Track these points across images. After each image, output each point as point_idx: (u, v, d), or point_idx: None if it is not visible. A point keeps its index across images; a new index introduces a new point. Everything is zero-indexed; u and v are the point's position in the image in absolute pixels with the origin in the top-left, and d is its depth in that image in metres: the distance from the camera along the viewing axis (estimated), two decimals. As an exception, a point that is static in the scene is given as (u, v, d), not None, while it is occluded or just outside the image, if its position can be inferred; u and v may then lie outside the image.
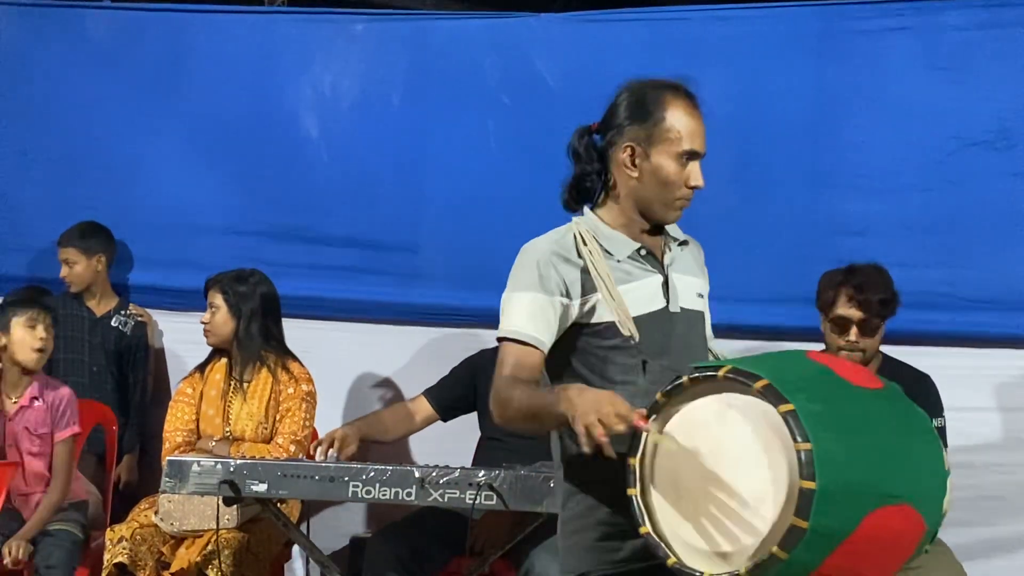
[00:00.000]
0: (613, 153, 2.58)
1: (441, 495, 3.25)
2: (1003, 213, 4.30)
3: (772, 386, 2.18)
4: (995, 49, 4.32)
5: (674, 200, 2.56)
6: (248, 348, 4.27)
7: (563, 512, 2.56)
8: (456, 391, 4.30)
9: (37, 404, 4.28)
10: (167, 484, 3.45)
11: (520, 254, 2.57)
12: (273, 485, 3.37)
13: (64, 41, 5.25)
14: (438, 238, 4.91)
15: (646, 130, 2.54)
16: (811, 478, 2.10)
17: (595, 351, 2.50)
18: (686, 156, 2.54)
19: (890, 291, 3.81)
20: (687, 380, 2.30)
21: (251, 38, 5.15)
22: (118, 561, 3.98)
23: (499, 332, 2.50)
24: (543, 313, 2.47)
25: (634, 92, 2.61)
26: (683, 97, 2.58)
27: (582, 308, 2.49)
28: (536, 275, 2.49)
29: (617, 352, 2.49)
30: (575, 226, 2.58)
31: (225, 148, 5.10)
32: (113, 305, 5.05)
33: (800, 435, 2.12)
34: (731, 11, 4.69)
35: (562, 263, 2.50)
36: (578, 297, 2.49)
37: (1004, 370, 4.32)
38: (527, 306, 2.47)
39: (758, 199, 4.57)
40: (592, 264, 2.50)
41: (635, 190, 2.56)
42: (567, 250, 2.52)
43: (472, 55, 4.89)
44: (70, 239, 4.95)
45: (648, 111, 2.55)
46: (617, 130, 2.58)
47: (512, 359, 2.46)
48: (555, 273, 2.49)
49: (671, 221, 2.61)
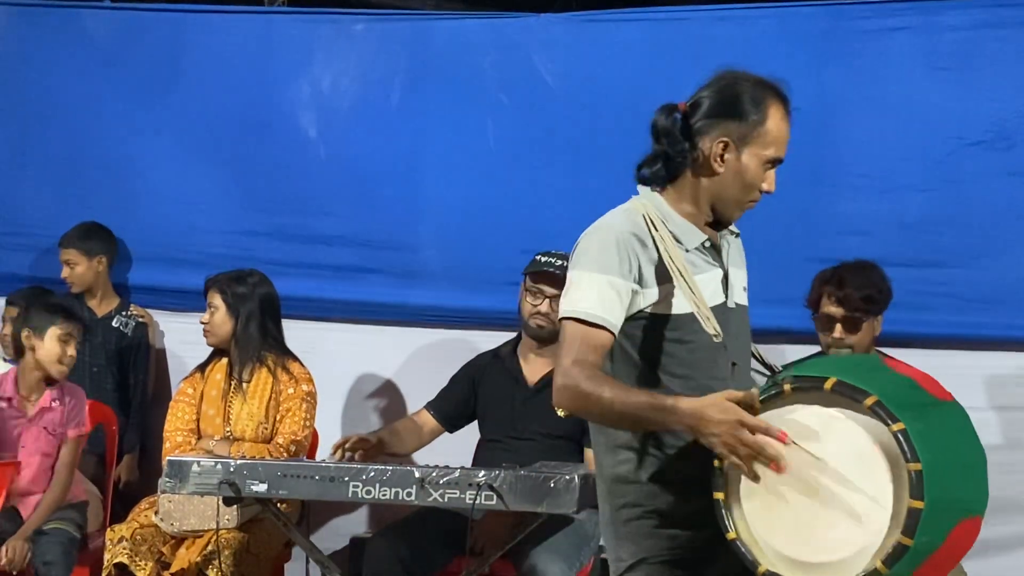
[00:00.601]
0: (700, 142, 2.49)
1: (441, 495, 3.25)
2: (1003, 213, 4.30)
3: (882, 403, 2.18)
4: (995, 49, 4.32)
5: (747, 202, 2.53)
6: (247, 348, 4.26)
7: (612, 500, 2.50)
8: (457, 400, 4.28)
9: (56, 405, 4.32)
10: (167, 484, 3.45)
11: (594, 231, 2.49)
12: (273, 485, 3.36)
13: (64, 41, 5.26)
14: (437, 238, 4.91)
15: (743, 129, 2.47)
16: (920, 497, 2.13)
17: (663, 344, 2.44)
18: (771, 162, 2.51)
19: (875, 287, 3.84)
20: (788, 388, 2.27)
21: (250, 38, 5.15)
22: (118, 561, 3.98)
23: (568, 311, 2.42)
24: (618, 297, 2.40)
25: (734, 85, 2.53)
26: (782, 103, 2.52)
27: (652, 297, 2.42)
28: (614, 256, 2.41)
29: (693, 348, 2.43)
30: (642, 208, 2.50)
31: (224, 148, 5.10)
32: (114, 306, 5.06)
33: (911, 455, 2.14)
34: (731, 11, 4.69)
35: (639, 248, 2.43)
36: (652, 286, 2.42)
37: (1004, 370, 4.32)
38: (602, 287, 2.39)
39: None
40: (667, 253, 2.43)
41: (714, 184, 2.49)
42: (643, 234, 2.45)
43: (472, 55, 4.89)
44: (71, 240, 4.96)
45: (748, 110, 2.48)
46: (710, 120, 2.50)
47: (580, 341, 2.38)
48: (632, 257, 2.42)
49: (734, 220, 2.57)
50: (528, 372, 4.19)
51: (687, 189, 2.52)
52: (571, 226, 4.59)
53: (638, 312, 2.43)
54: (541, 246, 4.21)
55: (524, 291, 4.16)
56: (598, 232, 2.48)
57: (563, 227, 4.62)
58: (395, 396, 4.96)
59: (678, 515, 2.43)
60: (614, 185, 4.66)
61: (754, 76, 2.55)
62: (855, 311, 3.80)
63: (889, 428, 2.16)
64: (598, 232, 2.48)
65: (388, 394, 4.98)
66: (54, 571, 4.08)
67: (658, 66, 4.68)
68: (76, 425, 4.33)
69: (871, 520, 2.18)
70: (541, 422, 4.11)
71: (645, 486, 2.45)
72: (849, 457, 2.21)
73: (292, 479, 3.35)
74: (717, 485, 2.31)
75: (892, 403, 2.18)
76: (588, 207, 4.63)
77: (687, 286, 2.42)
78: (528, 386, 4.17)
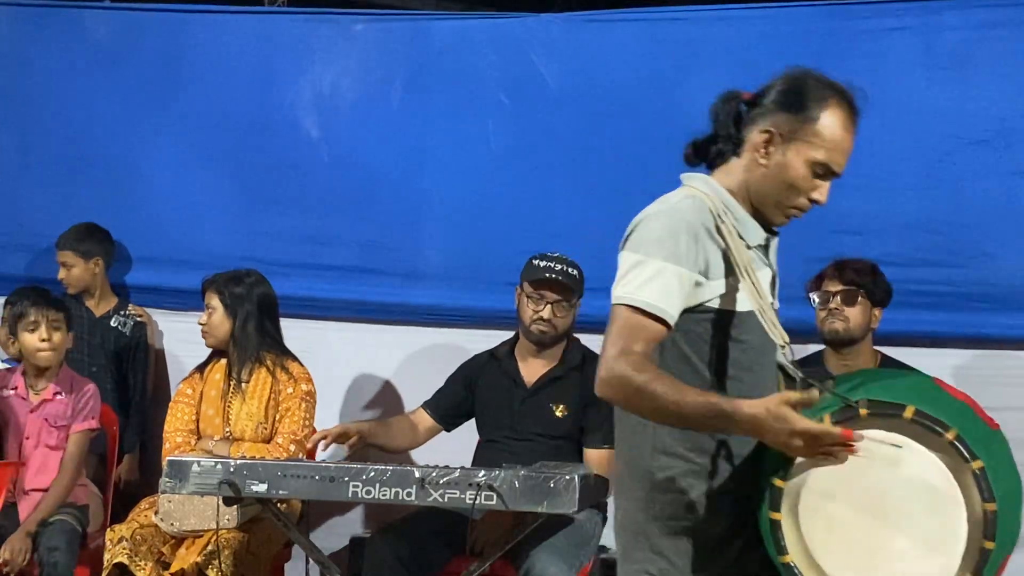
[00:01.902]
0: (749, 131, 2.39)
1: (441, 495, 3.25)
2: (1003, 212, 4.30)
3: (963, 439, 2.14)
4: (995, 49, 4.32)
5: (789, 206, 2.40)
6: (245, 348, 4.26)
7: (650, 507, 2.39)
8: (454, 400, 4.29)
9: (60, 398, 4.34)
10: (167, 484, 3.45)
11: (659, 215, 2.34)
12: (273, 485, 3.36)
13: (64, 41, 5.26)
14: (438, 238, 4.91)
15: (792, 122, 2.35)
16: (992, 538, 2.12)
17: (718, 341, 2.34)
18: (820, 168, 2.36)
19: (875, 270, 3.99)
20: (864, 412, 2.19)
21: (251, 38, 5.15)
22: (118, 561, 3.98)
23: (625, 297, 2.29)
24: (680, 288, 2.27)
25: (797, 79, 2.41)
26: (846, 108, 2.38)
27: (717, 290, 2.32)
28: (679, 245, 2.28)
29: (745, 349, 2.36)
30: (706, 199, 2.37)
31: (225, 148, 5.10)
32: (112, 305, 5.06)
33: (988, 494, 2.12)
34: (731, 11, 4.69)
35: (707, 238, 2.31)
36: (719, 278, 2.32)
37: (1004, 370, 4.31)
38: (663, 277, 2.27)
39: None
40: (733, 248, 2.32)
41: (757, 178, 2.38)
42: (710, 224, 2.32)
43: (472, 55, 4.89)
44: (67, 242, 4.96)
45: (803, 104, 2.36)
46: (764, 110, 2.38)
47: (633, 330, 2.26)
48: (698, 247, 2.29)
49: (776, 225, 2.45)
50: (526, 373, 4.19)
51: (735, 180, 2.41)
52: (571, 226, 4.67)
53: (699, 305, 2.33)
54: (541, 246, 4.20)
55: (523, 296, 4.14)
56: (664, 216, 2.33)
57: (563, 227, 4.67)
58: (394, 396, 4.96)
59: (720, 531, 2.36)
60: (614, 185, 4.73)
61: (827, 77, 2.43)
62: (852, 283, 3.93)
63: (969, 466, 2.13)
64: (664, 216, 2.33)
65: (388, 394, 4.98)
66: (59, 557, 4.09)
67: (658, 66, 4.69)
68: (83, 419, 4.35)
69: (941, 556, 2.14)
70: (540, 422, 4.11)
71: (686, 497, 2.36)
72: (922, 488, 2.16)
73: (292, 479, 3.35)
74: (775, 505, 2.23)
75: (970, 437, 2.14)
76: (588, 207, 4.73)
77: (752, 286, 2.32)
78: (526, 387, 4.17)
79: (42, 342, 4.28)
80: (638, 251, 2.32)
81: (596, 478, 3.50)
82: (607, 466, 4.02)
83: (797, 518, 2.22)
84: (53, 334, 4.29)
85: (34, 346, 4.29)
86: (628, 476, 2.46)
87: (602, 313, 4.56)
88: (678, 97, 4.67)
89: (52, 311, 4.30)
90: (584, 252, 4.23)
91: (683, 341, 2.35)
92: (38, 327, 4.27)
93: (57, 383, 4.36)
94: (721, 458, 2.35)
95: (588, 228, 4.66)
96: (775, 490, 2.23)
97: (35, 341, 4.28)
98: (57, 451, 4.33)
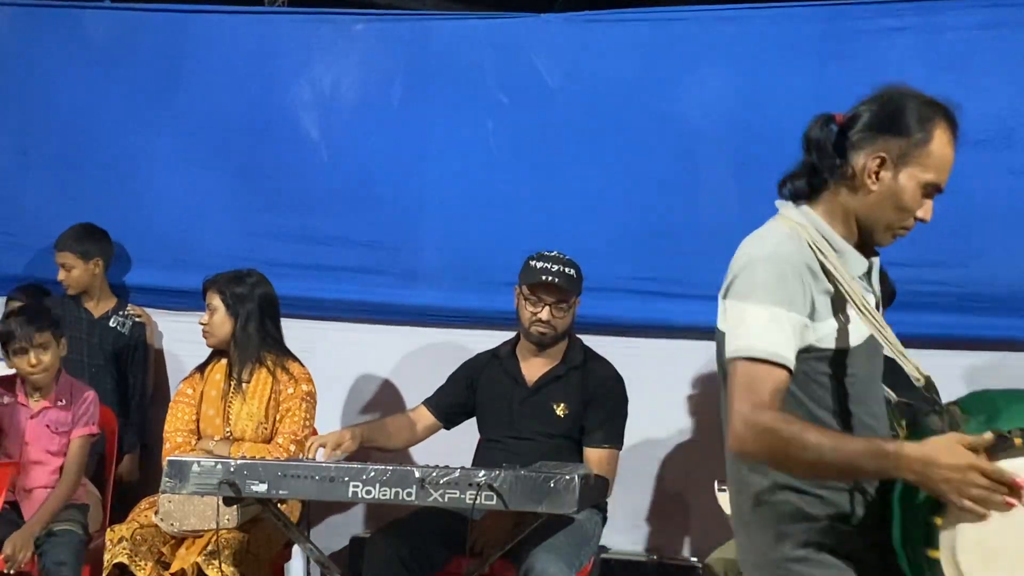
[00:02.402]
0: (854, 156, 2.33)
1: (441, 495, 3.24)
2: (1004, 212, 4.30)
3: None
4: (995, 49, 4.32)
5: (899, 228, 2.36)
6: (246, 348, 4.26)
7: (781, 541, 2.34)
8: (455, 397, 4.29)
9: (60, 405, 4.35)
10: (167, 484, 3.44)
11: (762, 260, 2.29)
12: (273, 485, 3.36)
13: (64, 41, 5.26)
14: (438, 238, 4.92)
15: (904, 146, 2.30)
16: None
17: (826, 379, 2.30)
18: (931, 188, 2.33)
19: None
20: (1020, 442, 2.12)
21: (251, 38, 5.15)
22: (118, 561, 3.97)
23: (744, 350, 2.24)
24: (793, 333, 2.23)
25: (899, 99, 2.35)
26: (951, 126, 2.34)
27: (824, 331, 2.29)
28: (788, 288, 2.24)
29: (853, 382, 2.32)
30: (802, 231, 2.33)
31: (225, 148, 5.11)
32: (111, 306, 5.06)
33: None
34: (731, 11, 4.69)
35: (810, 277, 2.27)
36: (826, 318, 2.29)
37: (1004, 370, 4.32)
38: (777, 323, 2.22)
39: (758, 199, 4.55)
40: (843, 282, 2.28)
41: (866, 204, 2.33)
42: (812, 262, 2.28)
43: (472, 55, 4.89)
44: (66, 243, 4.95)
45: (912, 127, 2.31)
46: (867, 134, 2.33)
47: (760, 382, 2.20)
48: (805, 290, 2.26)
49: (883, 246, 2.40)
50: (527, 372, 4.19)
51: (839, 208, 2.37)
52: (571, 226, 4.67)
53: (807, 347, 2.28)
54: (541, 246, 4.20)
55: (521, 298, 4.15)
56: (768, 262, 2.28)
57: (563, 227, 4.67)
58: (394, 396, 4.96)
59: (850, 551, 2.33)
60: (613, 185, 4.73)
61: (923, 94, 2.37)
62: None
63: None
64: (768, 262, 2.28)
65: (388, 394, 4.98)
66: (65, 571, 4.09)
67: (658, 66, 4.69)
68: (83, 425, 4.35)
69: None
70: (540, 422, 4.11)
71: (817, 523, 2.32)
72: None
73: (292, 479, 3.35)
74: (933, 542, 2.17)
75: None
76: (588, 207, 4.73)
77: (872, 320, 2.28)
78: (527, 386, 4.17)
79: (31, 367, 4.28)
80: (748, 299, 2.27)
81: (596, 478, 3.49)
82: (607, 466, 4.03)
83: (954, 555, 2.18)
84: (42, 356, 4.28)
85: (24, 370, 4.30)
86: (755, 509, 2.40)
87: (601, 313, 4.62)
88: (678, 97, 4.69)
89: (38, 334, 4.26)
90: (583, 252, 4.23)
91: (794, 385, 2.29)
92: (26, 353, 4.27)
93: (57, 391, 4.36)
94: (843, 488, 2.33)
95: (587, 228, 4.67)
96: (934, 528, 2.17)
97: (24, 366, 4.28)
98: (58, 457, 4.34)
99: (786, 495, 2.34)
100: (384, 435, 4.12)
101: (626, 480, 4.29)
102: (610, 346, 4.43)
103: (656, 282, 4.67)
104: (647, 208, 4.68)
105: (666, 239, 4.66)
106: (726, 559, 3.84)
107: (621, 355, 4.36)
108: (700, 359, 4.65)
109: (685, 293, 4.60)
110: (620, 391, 4.16)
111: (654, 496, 4.78)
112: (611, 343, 4.53)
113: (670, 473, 4.76)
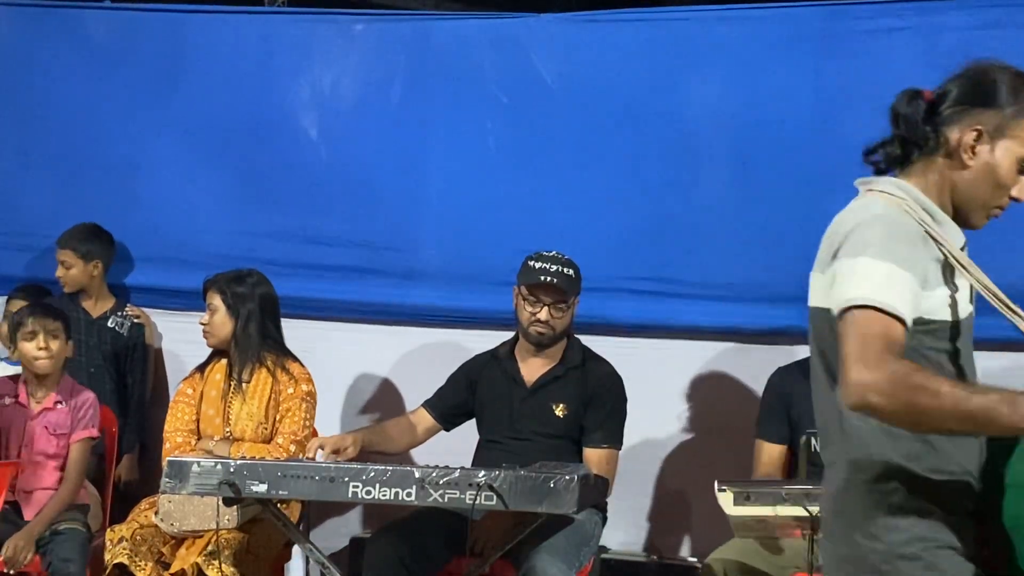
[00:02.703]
0: (948, 130, 2.25)
1: (441, 495, 3.24)
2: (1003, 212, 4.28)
3: None
4: (995, 49, 4.27)
5: (993, 206, 2.28)
6: (246, 348, 4.26)
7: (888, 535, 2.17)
8: (455, 399, 4.29)
9: (60, 407, 4.35)
10: (167, 484, 3.44)
11: (876, 222, 2.16)
12: (273, 485, 3.36)
13: (64, 41, 5.26)
14: (437, 238, 4.91)
15: (999, 118, 2.23)
16: None
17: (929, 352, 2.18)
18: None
19: None
20: None
21: (251, 38, 5.15)
22: (118, 561, 3.98)
23: (857, 297, 2.07)
24: (911, 296, 2.09)
25: (990, 73, 2.28)
26: None
27: (935, 301, 2.17)
28: (900, 248, 2.11)
29: (949, 359, 2.21)
30: (903, 204, 2.21)
31: (225, 148, 5.11)
32: (109, 306, 5.06)
33: None
34: (731, 11, 4.69)
35: (923, 246, 2.16)
36: (936, 287, 2.16)
37: (1004, 370, 4.30)
38: (897, 279, 2.08)
39: (758, 199, 4.57)
40: (953, 252, 2.17)
41: (962, 180, 2.25)
42: (921, 232, 2.17)
43: (472, 55, 4.89)
44: (69, 241, 4.96)
45: (1006, 99, 2.24)
46: (960, 108, 2.26)
47: (882, 329, 2.03)
48: (916, 256, 2.13)
49: (974, 227, 2.31)
50: (526, 372, 4.19)
51: (934, 181, 2.27)
52: (571, 226, 4.67)
53: (916, 319, 2.14)
54: (540, 246, 4.20)
55: (520, 298, 4.15)
56: (880, 221, 2.16)
57: (563, 227, 4.67)
58: (395, 396, 4.96)
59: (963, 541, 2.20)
60: (613, 185, 4.73)
61: (1012, 67, 2.30)
62: None
63: None
64: (880, 221, 2.16)
65: (388, 394, 4.98)
66: (72, 568, 4.10)
67: (658, 66, 4.69)
68: (83, 428, 4.35)
69: None
70: (539, 422, 4.11)
71: (923, 520, 2.17)
72: None
73: (292, 479, 3.35)
74: None
75: None
76: (587, 207, 4.73)
77: (988, 289, 2.21)
78: (526, 386, 4.17)
79: (40, 350, 4.29)
80: (863, 254, 2.11)
81: (596, 478, 3.49)
82: (607, 466, 4.03)
83: None
84: (51, 343, 4.29)
85: (32, 354, 4.30)
86: (854, 503, 2.23)
87: (600, 313, 4.62)
88: (678, 97, 4.69)
89: (50, 320, 4.30)
90: (583, 252, 4.24)
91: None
92: (36, 336, 4.28)
93: (58, 392, 4.37)
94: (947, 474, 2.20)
95: (587, 227, 4.67)
96: None
97: (33, 350, 4.29)
98: (57, 458, 4.33)
99: (895, 483, 2.18)
100: (385, 439, 4.13)
101: (626, 480, 4.29)
102: (609, 346, 4.43)
103: (655, 282, 4.67)
104: (646, 208, 4.68)
105: (666, 239, 4.66)
106: (726, 559, 3.83)
107: (620, 355, 4.36)
108: (700, 359, 4.66)
109: (684, 293, 4.60)
110: (619, 391, 4.16)
111: (654, 496, 4.78)
112: (610, 343, 4.52)
113: (670, 473, 4.76)
